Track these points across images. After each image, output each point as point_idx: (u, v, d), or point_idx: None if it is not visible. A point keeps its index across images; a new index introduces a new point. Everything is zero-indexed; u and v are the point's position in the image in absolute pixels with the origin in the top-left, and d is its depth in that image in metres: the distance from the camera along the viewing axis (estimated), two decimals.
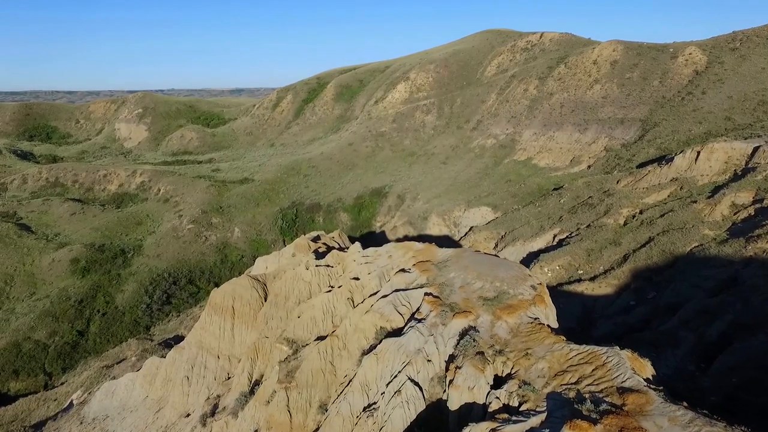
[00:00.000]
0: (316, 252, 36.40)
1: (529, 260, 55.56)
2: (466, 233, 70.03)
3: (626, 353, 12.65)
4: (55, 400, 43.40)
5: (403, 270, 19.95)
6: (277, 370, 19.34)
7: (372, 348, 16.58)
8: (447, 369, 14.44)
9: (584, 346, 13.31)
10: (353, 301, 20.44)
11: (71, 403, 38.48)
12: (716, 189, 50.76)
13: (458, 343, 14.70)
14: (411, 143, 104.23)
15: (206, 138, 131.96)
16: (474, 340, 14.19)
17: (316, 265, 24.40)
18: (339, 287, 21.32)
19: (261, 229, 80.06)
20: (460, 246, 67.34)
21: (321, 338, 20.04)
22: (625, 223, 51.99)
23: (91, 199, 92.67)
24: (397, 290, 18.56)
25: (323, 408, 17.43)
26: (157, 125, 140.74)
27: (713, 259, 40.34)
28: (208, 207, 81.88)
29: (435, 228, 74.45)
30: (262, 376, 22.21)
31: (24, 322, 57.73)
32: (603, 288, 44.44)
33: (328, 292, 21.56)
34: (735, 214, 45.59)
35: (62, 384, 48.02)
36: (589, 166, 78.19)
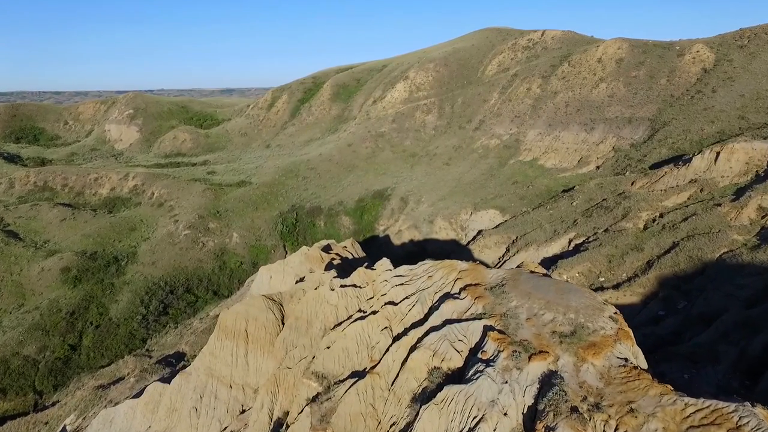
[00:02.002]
0: (330, 264, 33.83)
1: (544, 266, 53.35)
2: (475, 237, 67.75)
3: (761, 411, 10.32)
4: (46, 423, 40.45)
5: (449, 295, 17.47)
6: (309, 413, 16.78)
7: (428, 394, 14.10)
8: (526, 425, 12.01)
9: (702, 399, 10.97)
10: (391, 331, 17.91)
11: (64, 429, 35.61)
12: (739, 191, 48.86)
13: (539, 393, 12.28)
14: (412, 144, 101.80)
15: (200, 139, 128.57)
16: (563, 390, 11.78)
17: (342, 285, 21.82)
18: (374, 314, 18.78)
19: (260, 234, 77.20)
20: (468, 250, 65.08)
21: (357, 374, 17.51)
22: (646, 227, 49.94)
23: (81, 203, 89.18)
24: (448, 321, 16.08)
25: None
26: (148, 126, 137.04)
27: (747, 267, 38.34)
28: (204, 211, 78.87)
29: (442, 232, 72.09)
30: (285, 413, 19.62)
31: (12, 337, 54.50)
32: (628, 296, 42.31)
33: (360, 318, 19.01)
34: (763, 217, 43.67)
35: (54, 404, 44.98)
36: (597, 167, 76.24)
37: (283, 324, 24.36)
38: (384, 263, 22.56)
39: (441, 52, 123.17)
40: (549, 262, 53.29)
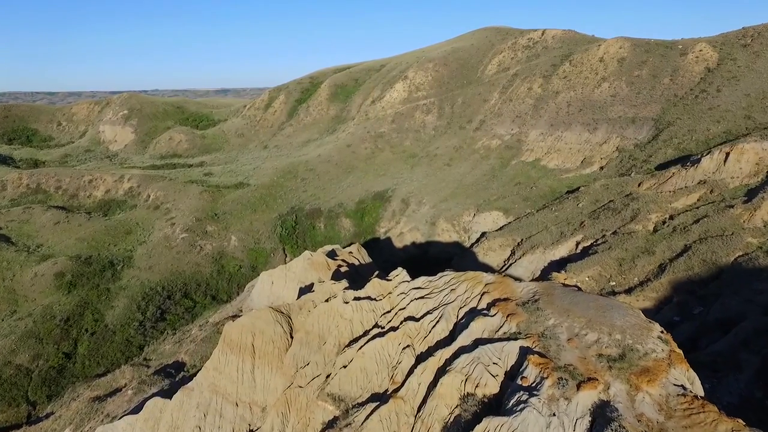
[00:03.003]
0: (337, 272, 32.51)
1: (551, 270, 52.25)
2: (478, 239, 66.61)
3: None
4: None
5: (477, 311, 16.20)
6: None
7: (462, 424, 12.81)
8: None
9: None
10: (414, 350, 16.63)
11: None
12: (750, 192, 47.94)
13: (592, 427, 11.05)
14: (412, 144, 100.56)
15: (196, 140, 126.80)
16: (623, 427, 10.54)
17: (356, 298, 20.50)
18: (393, 330, 17.48)
19: (259, 237, 75.70)
20: (472, 253, 63.87)
21: (378, 397, 16.21)
22: (656, 230, 48.91)
23: (75, 206, 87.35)
24: (478, 340, 14.81)
25: None
26: (143, 127, 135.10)
27: (764, 271, 37.34)
28: (202, 214, 77.28)
29: (444, 234, 70.92)
30: None
31: (4, 345, 52.79)
32: (641, 301, 41.21)
33: (379, 336, 17.71)
34: None
35: (47, 416, 43.41)
36: (601, 167, 75.29)
37: (291, 338, 23.01)
38: (400, 274, 21.30)
39: (440, 52, 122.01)
40: (556, 266, 52.20)
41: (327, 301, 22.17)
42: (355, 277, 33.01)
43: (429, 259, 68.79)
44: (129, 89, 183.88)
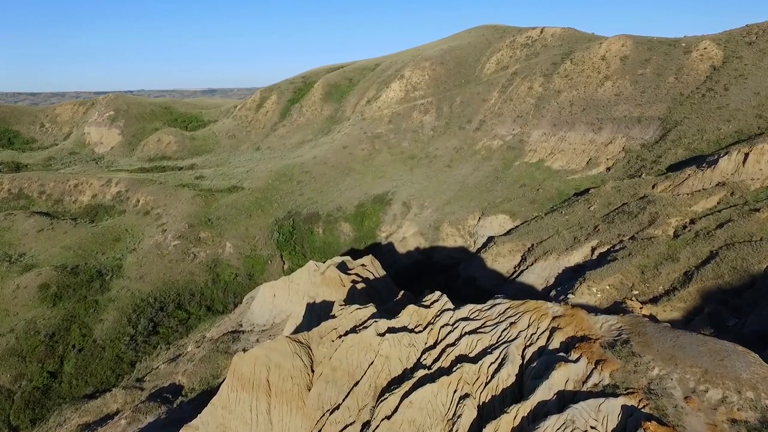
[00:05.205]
0: (353, 289, 29.66)
1: (566, 277, 49.94)
2: (486, 244, 64.16)
3: None
4: None
5: (550, 352, 13.49)
6: None
7: None
8: None
9: None
10: (474, 400, 13.87)
11: None
12: None
13: None
14: (410, 145, 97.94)
15: (185, 142, 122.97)
16: None
17: (390, 328, 17.70)
18: (446, 374, 14.71)
19: (255, 243, 72.51)
20: (480, 259, 61.30)
21: None
22: (676, 235, 46.73)
23: (60, 212, 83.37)
24: (562, 393, 12.10)
25: None
26: (130, 128, 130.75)
27: None
28: (194, 220, 73.86)
29: (449, 239, 68.39)
30: None
31: None
32: (668, 312, 38.94)
33: (429, 380, 14.92)
34: None
35: None
36: (608, 168, 73.31)
37: (312, 372, 20.13)
38: (439, 300, 18.55)
39: (436, 51, 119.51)
40: (572, 273, 49.89)
41: (354, 330, 19.33)
42: (372, 294, 30.21)
43: (434, 265, 66.29)
44: (114, 89, 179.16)
